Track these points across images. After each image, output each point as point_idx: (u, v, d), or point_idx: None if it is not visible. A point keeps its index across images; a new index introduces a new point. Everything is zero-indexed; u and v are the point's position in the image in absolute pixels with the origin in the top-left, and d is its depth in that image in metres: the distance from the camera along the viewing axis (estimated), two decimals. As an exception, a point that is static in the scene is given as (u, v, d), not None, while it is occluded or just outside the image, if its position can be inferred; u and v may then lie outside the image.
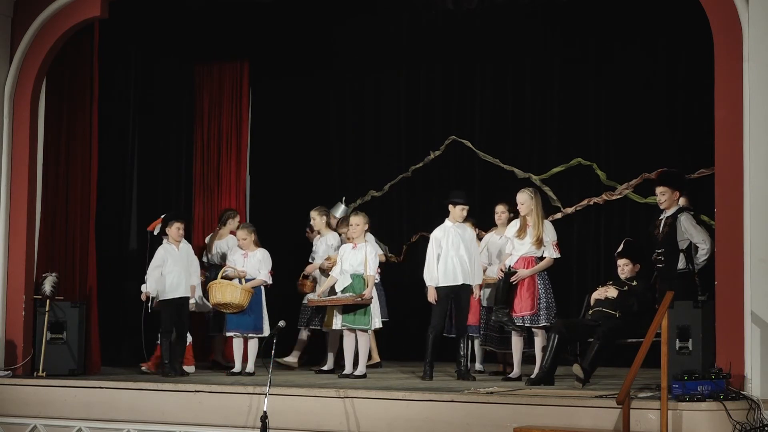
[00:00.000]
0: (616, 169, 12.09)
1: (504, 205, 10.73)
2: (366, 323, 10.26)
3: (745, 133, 8.28)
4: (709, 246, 8.98)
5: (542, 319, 9.79)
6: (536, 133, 12.64)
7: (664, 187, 9.31)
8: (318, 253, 11.40)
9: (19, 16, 10.79)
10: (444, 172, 12.99)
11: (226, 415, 9.05)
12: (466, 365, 10.07)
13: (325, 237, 11.43)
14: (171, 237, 10.78)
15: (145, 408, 9.37)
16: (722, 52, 8.47)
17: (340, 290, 10.37)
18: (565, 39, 12.40)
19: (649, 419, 7.63)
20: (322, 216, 11.51)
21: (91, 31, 11.10)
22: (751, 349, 8.09)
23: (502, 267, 10.02)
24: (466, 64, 12.99)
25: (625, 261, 9.72)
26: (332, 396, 8.73)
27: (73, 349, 10.51)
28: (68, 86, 11.13)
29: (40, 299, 10.54)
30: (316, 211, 11.53)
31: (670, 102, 11.88)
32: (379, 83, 13.53)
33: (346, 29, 12.97)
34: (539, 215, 9.89)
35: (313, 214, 11.53)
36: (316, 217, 11.50)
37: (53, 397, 9.74)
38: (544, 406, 8.00)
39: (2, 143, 10.65)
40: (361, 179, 13.48)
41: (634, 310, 9.36)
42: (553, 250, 9.90)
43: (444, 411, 8.29)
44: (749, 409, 7.78)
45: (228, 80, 13.60)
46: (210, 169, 13.53)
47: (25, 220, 10.64)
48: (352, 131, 13.67)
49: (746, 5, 8.38)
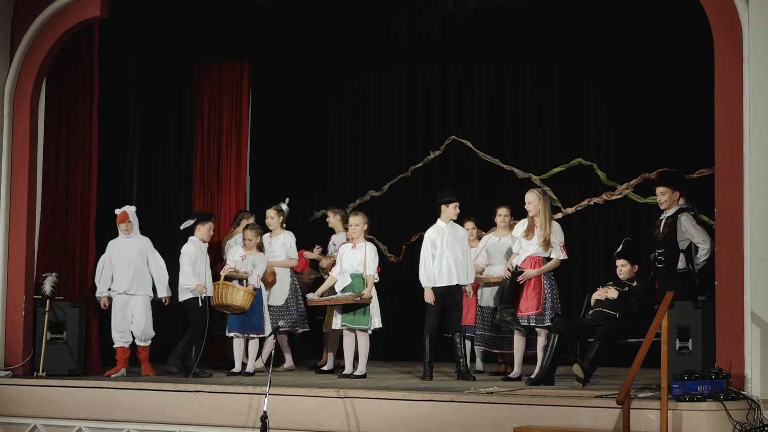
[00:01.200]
0: (616, 169, 12.10)
1: (507, 207, 10.73)
2: (365, 323, 10.26)
3: (745, 133, 8.28)
4: (710, 246, 8.97)
5: (547, 320, 9.79)
6: (536, 133, 12.64)
7: (664, 187, 9.31)
8: (275, 252, 11.31)
9: (19, 16, 10.80)
10: (444, 172, 12.99)
11: (226, 415, 9.05)
12: (466, 365, 10.07)
13: (280, 236, 11.38)
14: (202, 237, 10.75)
15: (145, 408, 9.37)
16: (722, 52, 8.46)
17: (339, 290, 10.38)
18: (565, 39, 12.40)
19: (649, 419, 7.63)
20: (279, 215, 11.46)
21: (91, 31, 11.11)
22: (751, 349, 8.09)
23: (509, 266, 10.02)
24: (466, 64, 12.99)
25: (623, 262, 9.72)
26: (332, 396, 8.73)
27: (73, 349, 10.52)
28: (68, 86, 11.14)
29: (40, 299, 10.55)
30: (274, 210, 11.48)
31: (670, 102, 11.88)
32: (379, 83, 13.53)
33: (346, 29, 12.98)
34: (547, 216, 9.88)
35: (270, 213, 11.47)
36: (274, 216, 11.49)
37: (53, 397, 9.74)
38: (544, 406, 8.00)
39: (2, 143, 10.65)
40: (360, 179, 13.49)
41: (634, 311, 9.35)
42: (561, 251, 9.90)
43: (444, 411, 8.29)
44: (749, 409, 7.78)
45: (228, 80, 13.60)
46: (210, 169, 13.53)
47: (25, 220, 10.64)
48: (351, 131, 13.68)
49: (746, 5, 8.37)
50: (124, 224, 10.79)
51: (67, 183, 11.08)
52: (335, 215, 11.69)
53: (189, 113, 13.62)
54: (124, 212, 10.83)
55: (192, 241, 10.79)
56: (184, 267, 10.64)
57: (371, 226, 10.91)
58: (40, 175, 10.87)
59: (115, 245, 10.83)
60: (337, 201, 13.28)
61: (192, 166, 13.57)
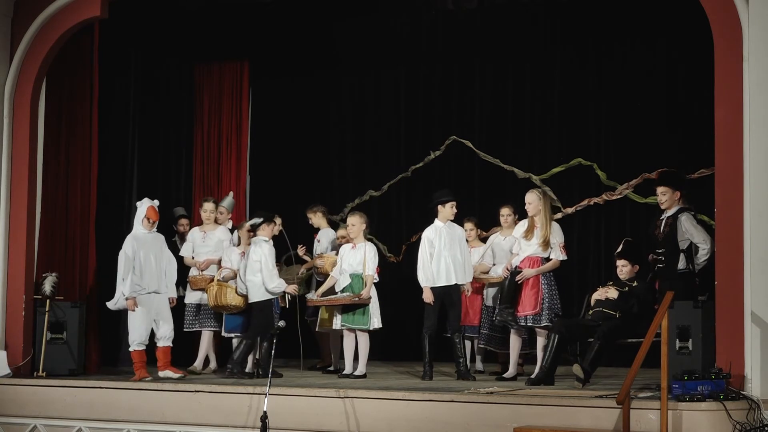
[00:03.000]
0: (616, 169, 12.09)
1: (509, 207, 10.74)
2: (365, 323, 10.26)
3: (745, 133, 8.28)
4: (710, 246, 8.97)
5: (544, 320, 9.79)
6: (536, 133, 12.63)
7: (665, 187, 9.31)
8: (210, 248, 11.20)
9: (19, 16, 10.80)
10: (444, 172, 12.99)
11: (226, 415, 9.05)
12: (465, 365, 10.07)
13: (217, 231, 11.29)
14: (267, 236, 10.56)
15: (145, 408, 9.37)
16: (722, 52, 8.47)
17: (339, 290, 10.38)
18: (565, 39, 12.40)
19: (649, 419, 7.63)
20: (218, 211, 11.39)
21: (91, 31, 11.11)
22: (751, 349, 8.09)
23: (508, 266, 10.03)
24: (466, 64, 12.99)
25: (624, 262, 9.71)
26: (332, 396, 8.73)
27: (73, 349, 10.51)
28: (68, 86, 11.14)
29: (40, 299, 10.55)
30: (213, 203, 11.36)
31: (670, 102, 11.88)
32: (379, 83, 13.53)
33: (346, 29, 12.98)
34: (547, 216, 9.89)
35: (209, 206, 11.37)
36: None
37: (53, 397, 9.74)
38: (544, 406, 8.00)
39: (2, 143, 10.66)
40: (360, 179, 13.49)
41: (634, 311, 9.35)
42: (560, 252, 9.90)
43: (444, 411, 8.29)
44: (749, 409, 7.78)
45: (228, 80, 13.60)
46: (210, 169, 13.53)
47: (25, 220, 10.64)
48: (351, 131, 13.67)
49: (746, 5, 8.38)
50: (153, 219, 10.32)
51: (67, 183, 11.08)
52: (315, 214, 11.63)
53: (189, 113, 13.62)
54: (154, 207, 10.37)
55: (265, 241, 10.51)
56: (269, 267, 10.39)
57: (370, 226, 10.88)
58: (40, 175, 10.87)
59: (140, 241, 10.20)
60: (337, 201, 13.31)
61: (192, 166, 13.57)
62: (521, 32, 12.42)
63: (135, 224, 10.36)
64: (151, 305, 10.19)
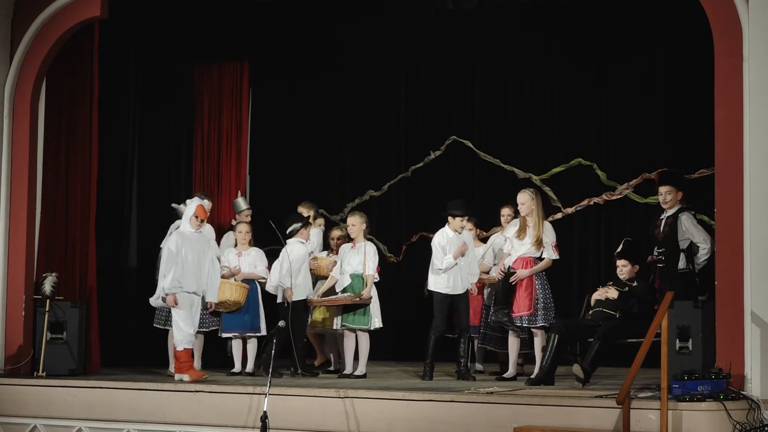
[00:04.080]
0: (616, 169, 12.10)
1: (510, 207, 10.74)
2: (366, 323, 10.27)
3: (745, 133, 8.28)
4: (710, 246, 8.98)
5: (540, 320, 9.80)
6: (536, 133, 12.64)
7: (669, 186, 9.31)
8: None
9: (19, 16, 10.80)
10: (444, 172, 13.00)
11: (226, 415, 9.05)
12: (466, 365, 10.07)
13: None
14: (304, 239, 10.57)
15: (145, 408, 9.37)
16: (722, 52, 8.47)
17: (339, 290, 10.38)
18: (565, 39, 12.40)
19: (649, 419, 7.63)
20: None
21: (91, 31, 11.10)
22: (751, 349, 8.09)
23: (501, 267, 10.03)
24: (466, 64, 12.99)
25: (624, 262, 9.71)
26: (332, 396, 8.73)
27: (73, 349, 10.51)
28: (68, 86, 11.13)
29: (40, 299, 10.54)
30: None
31: (670, 102, 11.88)
32: (379, 83, 13.53)
33: (346, 29, 12.97)
34: (539, 216, 9.90)
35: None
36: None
37: (53, 397, 9.73)
38: (544, 406, 8.00)
39: (2, 143, 10.66)
40: (360, 179, 13.48)
41: (634, 311, 9.35)
42: (552, 252, 9.91)
43: (444, 411, 8.29)
44: (749, 409, 7.78)
45: (228, 80, 13.58)
46: (210, 169, 13.52)
47: (25, 220, 10.64)
48: (351, 131, 13.67)
49: (746, 5, 8.37)
50: (202, 218, 10.04)
51: (67, 183, 11.07)
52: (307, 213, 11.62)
53: (189, 113, 13.61)
54: (203, 206, 10.10)
55: (301, 242, 10.49)
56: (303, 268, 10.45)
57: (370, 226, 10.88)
58: (40, 175, 10.87)
59: (185, 239, 9.95)
60: (337, 201, 13.30)
61: (192, 166, 13.56)
62: (521, 32, 12.42)
63: (182, 222, 10.13)
64: (192, 304, 10.00)
